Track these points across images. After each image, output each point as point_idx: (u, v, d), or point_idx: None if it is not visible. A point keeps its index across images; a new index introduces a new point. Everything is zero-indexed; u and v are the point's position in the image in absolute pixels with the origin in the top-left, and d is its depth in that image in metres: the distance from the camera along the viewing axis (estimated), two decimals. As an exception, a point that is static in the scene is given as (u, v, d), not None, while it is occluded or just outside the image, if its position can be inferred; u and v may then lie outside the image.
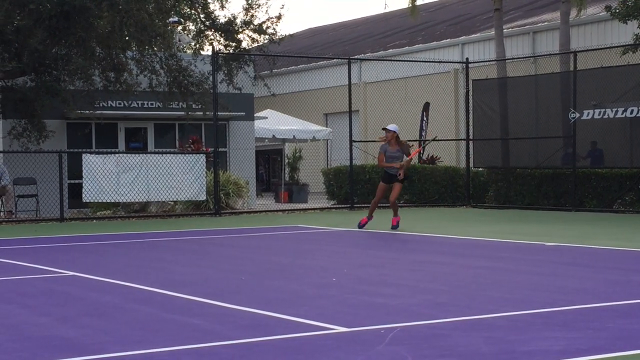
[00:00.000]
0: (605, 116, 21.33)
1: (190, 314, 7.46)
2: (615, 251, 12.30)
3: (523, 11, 38.31)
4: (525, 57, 31.27)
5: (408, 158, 16.61)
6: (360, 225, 16.82)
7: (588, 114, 21.67)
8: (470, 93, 24.73)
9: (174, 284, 9.28)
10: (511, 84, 24.57)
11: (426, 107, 29.58)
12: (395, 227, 16.37)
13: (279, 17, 23.84)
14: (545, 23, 33.81)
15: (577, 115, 21.73)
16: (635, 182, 20.68)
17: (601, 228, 16.60)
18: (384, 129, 16.65)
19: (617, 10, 22.08)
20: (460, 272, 10.18)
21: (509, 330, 6.52)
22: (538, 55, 30.94)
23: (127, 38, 22.24)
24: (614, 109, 21.17)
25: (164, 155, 22.23)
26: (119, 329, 6.85)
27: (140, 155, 22.11)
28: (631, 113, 20.87)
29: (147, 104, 26.04)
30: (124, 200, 21.77)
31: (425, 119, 29.49)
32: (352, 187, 24.10)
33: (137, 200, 21.91)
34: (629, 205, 21.14)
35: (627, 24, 22.94)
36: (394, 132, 16.42)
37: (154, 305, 8.01)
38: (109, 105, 25.37)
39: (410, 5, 30.88)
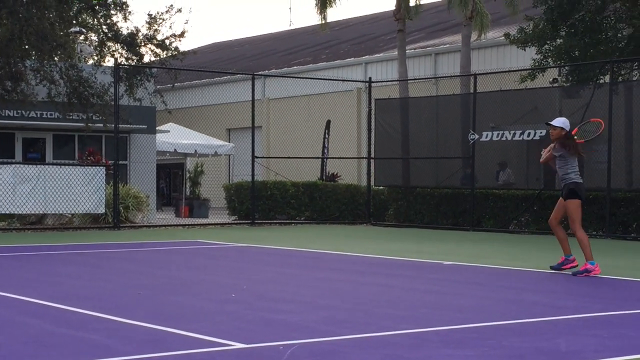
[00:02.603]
0: (504, 138, 21.77)
1: (86, 329, 7.32)
2: (510, 270, 12.52)
3: (426, 33, 38.92)
4: (427, 78, 31.74)
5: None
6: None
7: (487, 135, 22.09)
8: (373, 112, 24.98)
9: (70, 298, 9.10)
10: (413, 104, 24.90)
11: (328, 124, 29.77)
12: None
13: (182, 34, 23.69)
14: (447, 45, 34.40)
15: (476, 136, 22.12)
16: (531, 204, 21.15)
17: (497, 248, 16.90)
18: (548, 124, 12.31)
19: (516, 38, 22.59)
20: (359, 290, 10.24)
21: (406, 348, 6.57)
22: (439, 77, 31.44)
23: (26, 47, 21.81)
24: (512, 132, 21.62)
25: (63, 166, 21.82)
26: (11, 343, 6.68)
27: (38, 166, 21.67)
28: (528, 136, 21.34)
29: (46, 115, 25.57)
30: (20, 212, 21.29)
31: (327, 136, 29.67)
32: (253, 203, 24.05)
33: (33, 212, 21.45)
34: (524, 226, 21.59)
35: (525, 50, 23.50)
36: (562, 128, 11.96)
37: (49, 320, 7.84)
38: (6, 114, 24.84)
39: (321, 22, 31.06)
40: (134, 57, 23.46)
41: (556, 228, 11.98)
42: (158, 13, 23.51)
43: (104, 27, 23.63)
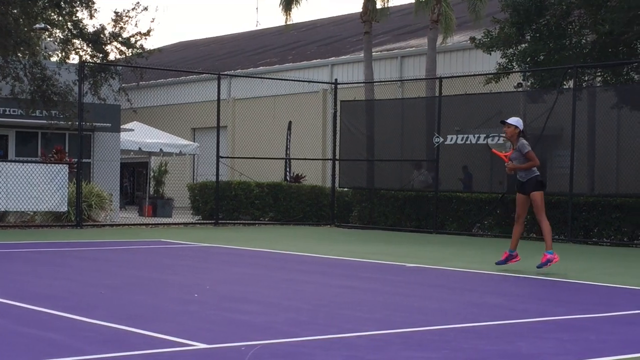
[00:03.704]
0: (468, 142, 21.90)
1: (47, 327, 7.27)
2: (472, 273, 12.60)
3: (392, 35, 39.03)
4: (393, 81, 31.84)
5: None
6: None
7: (451, 139, 22.20)
8: (338, 114, 25.02)
9: (31, 297, 9.04)
10: (378, 107, 24.98)
11: (289, 126, 29.79)
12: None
13: (148, 32, 23.58)
14: (413, 48, 34.52)
15: (441, 139, 22.23)
16: (494, 207, 21.28)
17: (460, 251, 16.99)
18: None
19: (482, 42, 22.72)
20: (323, 291, 10.25)
21: (368, 350, 6.60)
22: (405, 80, 31.56)
23: (-10, 42, 21.62)
24: (476, 135, 21.75)
25: (25, 164, 21.65)
26: (-30, 342, 6.62)
27: (0, 163, 21.48)
28: (492, 139, 21.48)
29: (9, 111, 25.35)
30: (-19, 209, 21.11)
31: (289, 137, 29.66)
32: (217, 203, 23.99)
33: (-5, 209, 21.28)
34: (487, 229, 21.73)
35: (490, 54, 23.65)
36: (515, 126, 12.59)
37: (10, 319, 7.77)
38: (-32, 111, 24.63)
39: (286, 21, 31.11)
40: (99, 55, 23.31)
41: (521, 225, 12.68)
42: (124, 11, 23.39)
43: (69, 24, 23.45)
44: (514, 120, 12.57)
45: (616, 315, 8.79)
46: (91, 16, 23.66)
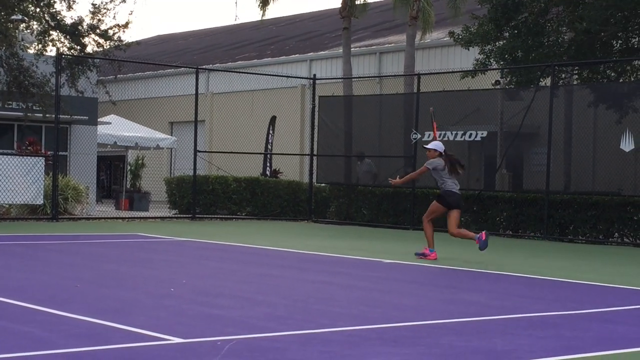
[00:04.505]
0: (445, 138, 21.93)
1: (21, 321, 7.23)
2: (448, 270, 12.64)
3: (371, 31, 39.06)
4: (371, 77, 31.87)
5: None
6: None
7: (429, 135, 22.21)
8: (316, 109, 25.01)
9: (5, 290, 8.98)
10: (356, 102, 24.99)
11: (273, 120, 29.75)
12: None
13: (126, 24, 23.46)
14: (392, 44, 34.56)
15: (419, 136, 22.26)
16: (471, 204, 21.33)
17: (436, 247, 17.00)
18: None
19: (460, 37, 22.78)
20: (299, 286, 10.25)
21: (343, 345, 6.60)
22: (383, 76, 31.58)
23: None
24: (454, 132, 21.80)
25: (1, 156, 21.50)
26: (-57, 335, 6.57)
27: (-25, 155, 21.34)
28: (470, 137, 21.54)
29: (-15, 103, 25.17)
30: (-44, 202, 20.95)
31: (271, 132, 29.63)
32: (194, 197, 23.94)
33: (-31, 201, 21.13)
34: (463, 225, 21.75)
35: (469, 50, 23.70)
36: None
37: (-17, 311, 7.73)
38: (-57, 102, 24.40)
39: (261, 15, 31.12)
40: (76, 47, 23.18)
41: (456, 231, 14.07)
42: (102, 3, 23.28)
43: (46, 15, 23.31)
44: (433, 145, 14.31)
45: (591, 312, 8.84)
46: (69, 8, 23.55)
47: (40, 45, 23.72)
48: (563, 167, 20.66)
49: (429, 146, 14.37)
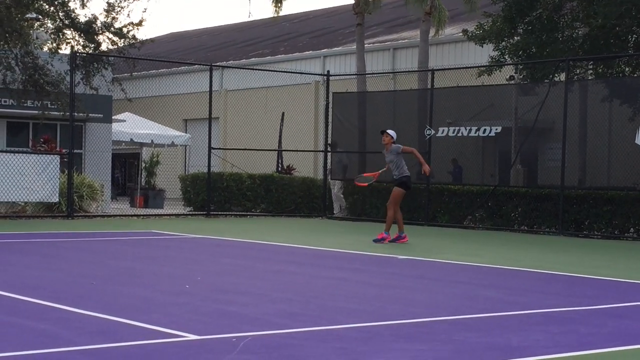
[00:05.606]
0: (460, 134, 21.91)
1: (38, 318, 7.26)
2: (464, 266, 12.62)
3: (384, 27, 39.01)
4: (385, 73, 31.82)
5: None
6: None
7: (443, 131, 22.20)
8: (330, 105, 24.99)
9: (22, 287, 9.03)
10: (370, 99, 24.96)
11: (282, 117, 29.75)
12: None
13: (140, 22, 23.48)
14: (405, 40, 34.51)
15: (433, 132, 22.23)
16: (486, 199, 21.30)
17: (452, 243, 17.01)
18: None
19: (474, 34, 22.72)
20: (314, 283, 10.26)
21: (359, 341, 6.60)
22: (397, 72, 31.54)
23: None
24: (468, 128, 21.75)
25: (16, 154, 21.59)
26: (-40, 332, 6.61)
27: (-9, 153, 21.42)
28: (484, 132, 21.49)
29: (1, 101, 25.26)
30: (-28, 200, 21.03)
31: (281, 128, 29.62)
32: (209, 195, 23.97)
33: (-15, 200, 21.21)
34: (478, 221, 21.75)
35: (483, 47, 23.64)
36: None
37: (1, 309, 7.76)
38: (-40, 100, 24.53)
39: (275, 13, 31.09)
40: (91, 45, 23.21)
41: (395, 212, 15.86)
42: (116, 1, 23.29)
43: (60, 13, 23.35)
44: (392, 132, 16.36)
45: (606, 308, 8.82)
46: (83, 6, 23.58)
47: (54, 44, 23.78)
48: (578, 162, 20.59)
49: (389, 132, 16.40)
